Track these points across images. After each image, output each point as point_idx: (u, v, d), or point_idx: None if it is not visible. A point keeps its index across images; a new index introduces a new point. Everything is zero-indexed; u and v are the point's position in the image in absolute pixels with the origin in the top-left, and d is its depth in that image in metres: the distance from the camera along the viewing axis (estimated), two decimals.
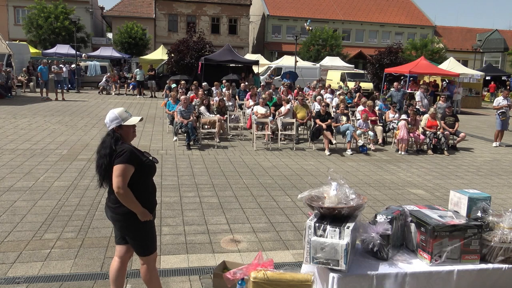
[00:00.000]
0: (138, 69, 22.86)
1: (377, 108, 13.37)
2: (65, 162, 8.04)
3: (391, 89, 16.67)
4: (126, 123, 3.14)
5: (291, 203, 6.27)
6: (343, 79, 25.61)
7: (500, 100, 11.88)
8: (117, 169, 2.98)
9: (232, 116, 12.21)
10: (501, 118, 11.72)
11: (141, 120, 3.27)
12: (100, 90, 22.99)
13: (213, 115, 11.40)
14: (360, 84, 21.46)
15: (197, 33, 26.48)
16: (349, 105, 13.59)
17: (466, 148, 11.48)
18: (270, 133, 10.90)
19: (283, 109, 11.53)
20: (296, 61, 25.16)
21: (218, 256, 4.42)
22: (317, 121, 10.45)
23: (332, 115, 11.07)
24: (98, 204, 5.80)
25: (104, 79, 23.21)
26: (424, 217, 3.07)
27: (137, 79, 22.52)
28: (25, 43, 27.80)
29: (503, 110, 11.72)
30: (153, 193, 3.28)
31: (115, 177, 2.97)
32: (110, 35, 41.94)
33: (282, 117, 11.22)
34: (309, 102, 15.35)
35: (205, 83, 18.21)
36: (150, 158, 3.24)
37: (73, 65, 23.75)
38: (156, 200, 3.32)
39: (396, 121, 11.46)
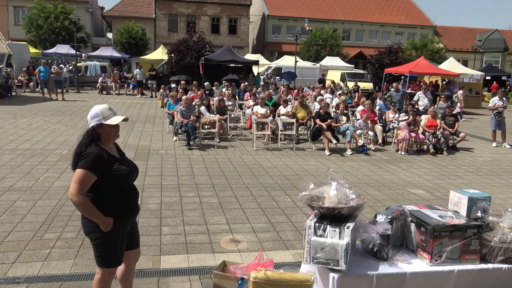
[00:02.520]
0: (137, 69, 22.87)
1: (377, 108, 13.38)
2: (65, 162, 8.03)
3: (391, 89, 16.68)
4: (107, 122, 2.82)
5: (291, 203, 6.27)
6: (343, 79, 25.62)
7: (496, 101, 11.89)
8: (76, 173, 2.70)
9: (232, 116, 12.22)
10: (497, 119, 11.72)
11: (125, 120, 2.92)
12: (100, 90, 23.00)
13: (213, 115, 11.40)
14: (358, 84, 21.44)
15: (197, 33, 26.49)
16: (349, 105, 13.59)
17: (466, 148, 11.48)
18: (270, 133, 10.90)
19: (282, 109, 11.51)
20: (296, 61, 25.16)
21: (218, 256, 4.42)
22: (317, 121, 10.45)
23: (332, 115, 11.07)
24: None
25: (100, 80, 23.15)
26: (424, 217, 3.07)
27: (138, 79, 22.54)
28: (25, 43, 27.80)
29: (498, 111, 11.73)
30: (132, 199, 2.99)
31: (72, 182, 2.69)
32: (110, 35, 41.97)
33: (282, 117, 11.23)
34: (309, 102, 15.36)
35: (207, 82, 18.22)
36: (122, 167, 2.88)
37: (69, 66, 23.73)
38: (137, 206, 3.06)
39: (396, 121, 11.47)
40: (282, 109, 11.54)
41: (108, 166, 2.78)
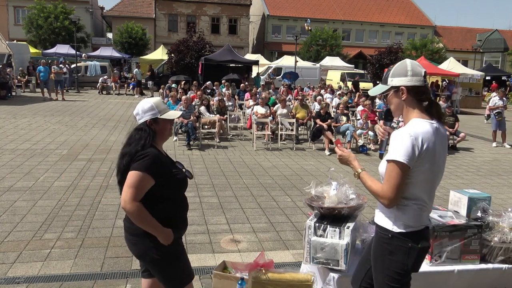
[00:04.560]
0: (136, 69, 22.91)
1: (377, 108, 13.38)
2: (65, 162, 8.04)
3: None
4: (163, 116, 2.44)
5: (291, 203, 6.27)
6: (343, 79, 25.62)
7: (496, 101, 11.89)
8: (131, 176, 2.28)
9: (232, 116, 12.22)
10: (497, 119, 11.71)
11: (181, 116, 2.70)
12: (100, 90, 23.02)
13: (213, 115, 11.40)
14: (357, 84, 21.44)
15: (197, 33, 26.51)
16: (349, 105, 13.59)
17: (466, 148, 11.48)
18: (270, 133, 10.90)
19: (279, 109, 11.38)
20: (296, 61, 25.17)
21: (218, 256, 4.42)
22: (318, 121, 10.45)
23: (332, 115, 11.07)
24: (98, 204, 5.81)
25: (100, 80, 23.16)
26: None
27: (137, 79, 22.58)
28: (25, 43, 27.81)
29: (499, 111, 11.72)
30: (185, 210, 2.58)
31: (126, 186, 2.28)
32: (110, 35, 41.98)
33: (282, 117, 11.21)
34: (309, 102, 15.36)
35: (209, 82, 18.22)
36: (183, 170, 2.55)
37: (68, 67, 23.77)
38: (187, 219, 2.63)
39: (396, 121, 11.45)
40: (279, 109, 11.41)
41: (165, 170, 2.40)
